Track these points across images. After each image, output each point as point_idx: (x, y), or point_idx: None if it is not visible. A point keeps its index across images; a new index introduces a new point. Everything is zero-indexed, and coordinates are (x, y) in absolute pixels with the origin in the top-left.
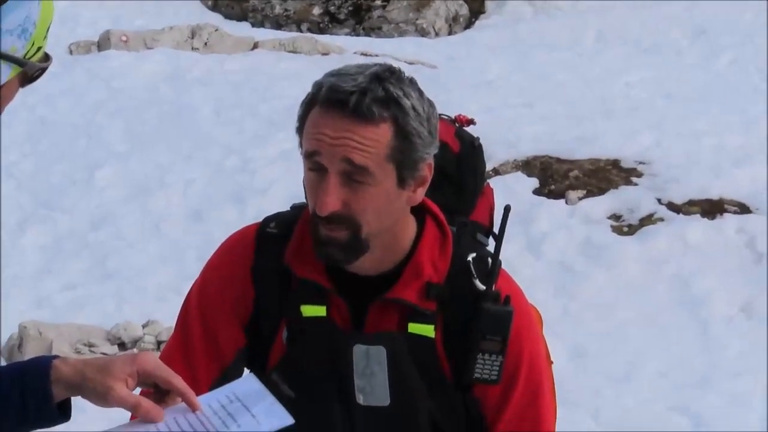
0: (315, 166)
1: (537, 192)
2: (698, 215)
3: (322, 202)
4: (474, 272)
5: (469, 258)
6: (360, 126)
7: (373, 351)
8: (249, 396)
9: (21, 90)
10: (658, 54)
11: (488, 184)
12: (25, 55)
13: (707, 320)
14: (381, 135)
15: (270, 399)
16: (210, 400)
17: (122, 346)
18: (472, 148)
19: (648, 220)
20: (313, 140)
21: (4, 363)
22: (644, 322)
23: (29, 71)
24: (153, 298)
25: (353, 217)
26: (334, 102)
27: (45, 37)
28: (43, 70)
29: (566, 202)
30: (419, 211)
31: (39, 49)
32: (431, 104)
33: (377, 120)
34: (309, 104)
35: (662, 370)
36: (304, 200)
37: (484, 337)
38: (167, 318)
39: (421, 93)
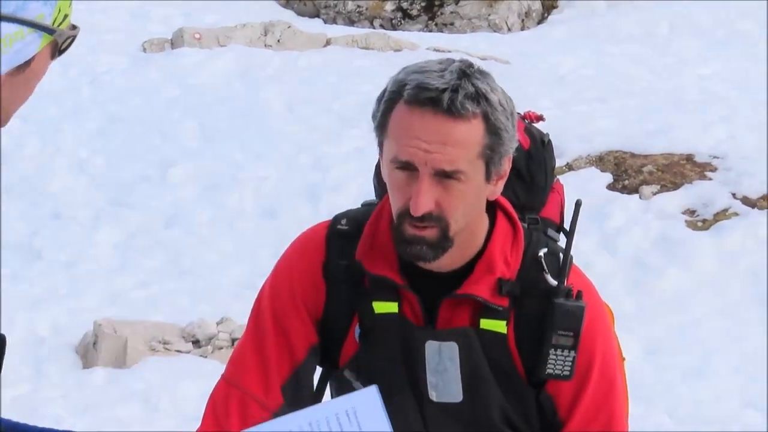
0: (405, 167)
1: (611, 187)
2: None
3: (416, 203)
4: (546, 267)
5: (541, 253)
6: (454, 124)
7: (446, 347)
8: (366, 415)
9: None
10: (730, 46)
11: (558, 180)
12: (53, 22)
13: None
14: (474, 132)
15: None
16: (328, 414)
17: (197, 343)
18: (542, 145)
19: (722, 214)
20: (405, 148)
21: (79, 361)
22: (719, 317)
23: (59, 39)
24: (227, 295)
25: (444, 216)
26: (426, 101)
27: (70, 4)
28: (73, 38)
29: (640, 197)
30: (490, 207)
31: (66, 17)
32: (510, 98)
33: (470, 117)
34: (392, 102)
35: (737, 366)
36: (374, 198)
37: (556, 333)
38: (241, 315)
39: (501, 87)
